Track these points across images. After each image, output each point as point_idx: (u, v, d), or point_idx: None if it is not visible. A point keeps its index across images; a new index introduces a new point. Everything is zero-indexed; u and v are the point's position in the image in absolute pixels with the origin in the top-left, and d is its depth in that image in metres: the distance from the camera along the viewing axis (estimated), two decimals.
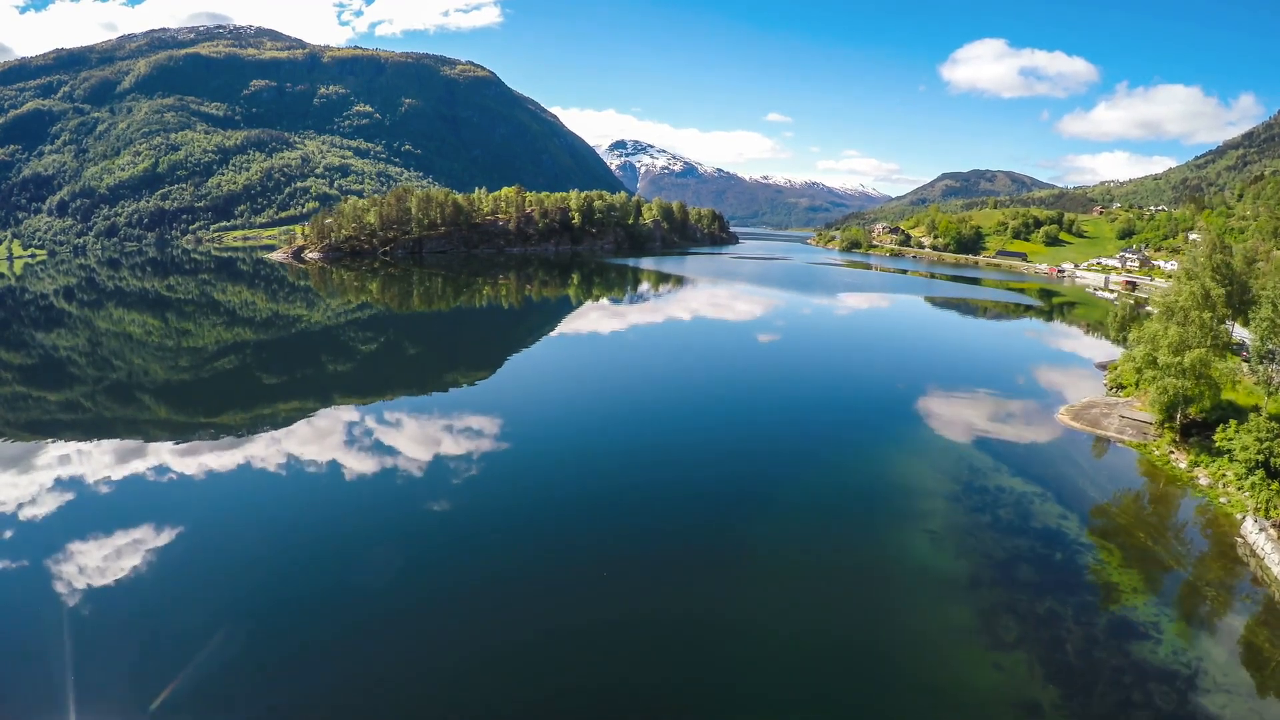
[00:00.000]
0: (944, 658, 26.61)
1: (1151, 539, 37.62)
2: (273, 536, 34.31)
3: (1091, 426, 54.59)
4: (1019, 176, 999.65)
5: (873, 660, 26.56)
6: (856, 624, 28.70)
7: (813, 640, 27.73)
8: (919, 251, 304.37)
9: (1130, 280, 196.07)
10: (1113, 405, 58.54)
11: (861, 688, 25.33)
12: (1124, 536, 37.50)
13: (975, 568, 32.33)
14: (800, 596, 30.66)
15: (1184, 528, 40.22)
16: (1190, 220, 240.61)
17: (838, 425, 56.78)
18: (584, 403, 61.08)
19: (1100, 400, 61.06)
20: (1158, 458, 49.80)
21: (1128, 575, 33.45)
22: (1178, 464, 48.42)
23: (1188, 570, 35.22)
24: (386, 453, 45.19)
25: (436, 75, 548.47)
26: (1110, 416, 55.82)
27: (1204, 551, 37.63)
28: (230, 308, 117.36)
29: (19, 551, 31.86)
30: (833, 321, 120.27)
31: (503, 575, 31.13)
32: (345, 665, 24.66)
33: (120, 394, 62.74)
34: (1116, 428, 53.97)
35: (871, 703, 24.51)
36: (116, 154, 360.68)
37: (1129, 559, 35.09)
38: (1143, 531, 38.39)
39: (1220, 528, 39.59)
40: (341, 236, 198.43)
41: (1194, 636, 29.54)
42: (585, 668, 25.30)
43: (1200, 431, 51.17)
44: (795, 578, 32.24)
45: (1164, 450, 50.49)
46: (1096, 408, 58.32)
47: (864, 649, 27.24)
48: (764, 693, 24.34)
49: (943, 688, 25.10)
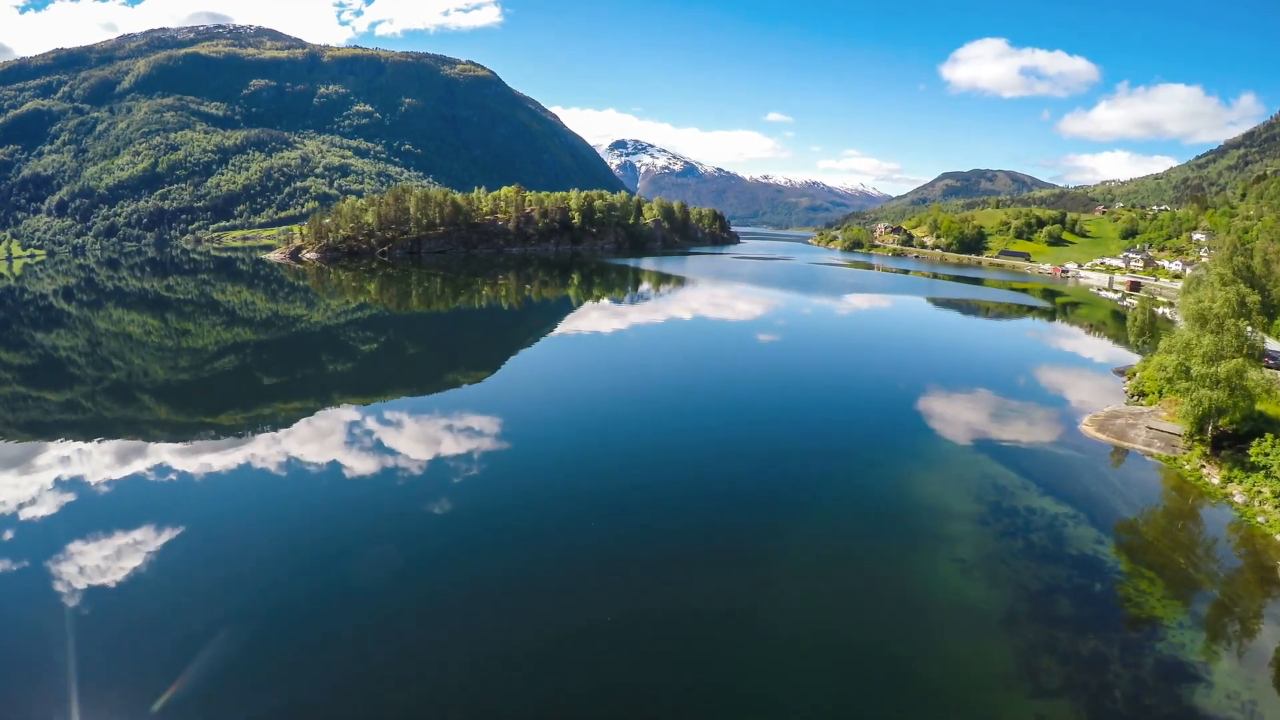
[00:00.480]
0: (984, 707, 24.30)
1: (1191, 565, 35.30)
2: (274, 537, 34.11)
3: (1118, 439, 52.21)
4: (1019, 176, 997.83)
5: (906, 709, 24.25)
6: (883, 665, 26.34)
7: (834, 681, 25.48)
8: (921, 251, 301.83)
9: (1134, 281, 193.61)
10: (1138, 415, 56.16)
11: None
12: (1162, 562, 35.16)
13: (1010, 600, 29.94)
14: (816, 628, 28.54)
15: (1222, 551, 37.87)
16: (1194, 220, 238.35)
17: (847, 432, 54.75)
18: (585, 403, 60.36)
19: (1124, 410, 58.65)
20: (1189, 472, 47.42)
21: (1171, 608, 31.10)
22: (1210, 479, 46.04)
23: (1230, 599, 32.89)
24: (387, 452, 44.90)
25: (436, 75, 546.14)
26: (1136, 428, 53.46)
27: (1245, 577, 35.24)
28: (230, 308, 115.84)
29: (20, 552, 31.67)
30: (837, 322, 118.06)
31: (504, 575, 31.01)
32: (348, 665, 24.63)
33: (120, 394, 62.23)
34: (1144, 440, 51.62)
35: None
36: (116, 154, 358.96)
37: (1170, 588, 32.77)
38: (1181, 557, 36.06)
39: (1258, 549, 37.27)
40: (339, 236, 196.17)
41: (1246, 678, 27.14)
42: (584, 669, 25.18)
43: (1232, 444, 48.78)
44: (809, 601, 30.35)
45: (1195, 465, 48.11)
46: (1121, 418, 55.94)
47: (895, 696, 24.91)
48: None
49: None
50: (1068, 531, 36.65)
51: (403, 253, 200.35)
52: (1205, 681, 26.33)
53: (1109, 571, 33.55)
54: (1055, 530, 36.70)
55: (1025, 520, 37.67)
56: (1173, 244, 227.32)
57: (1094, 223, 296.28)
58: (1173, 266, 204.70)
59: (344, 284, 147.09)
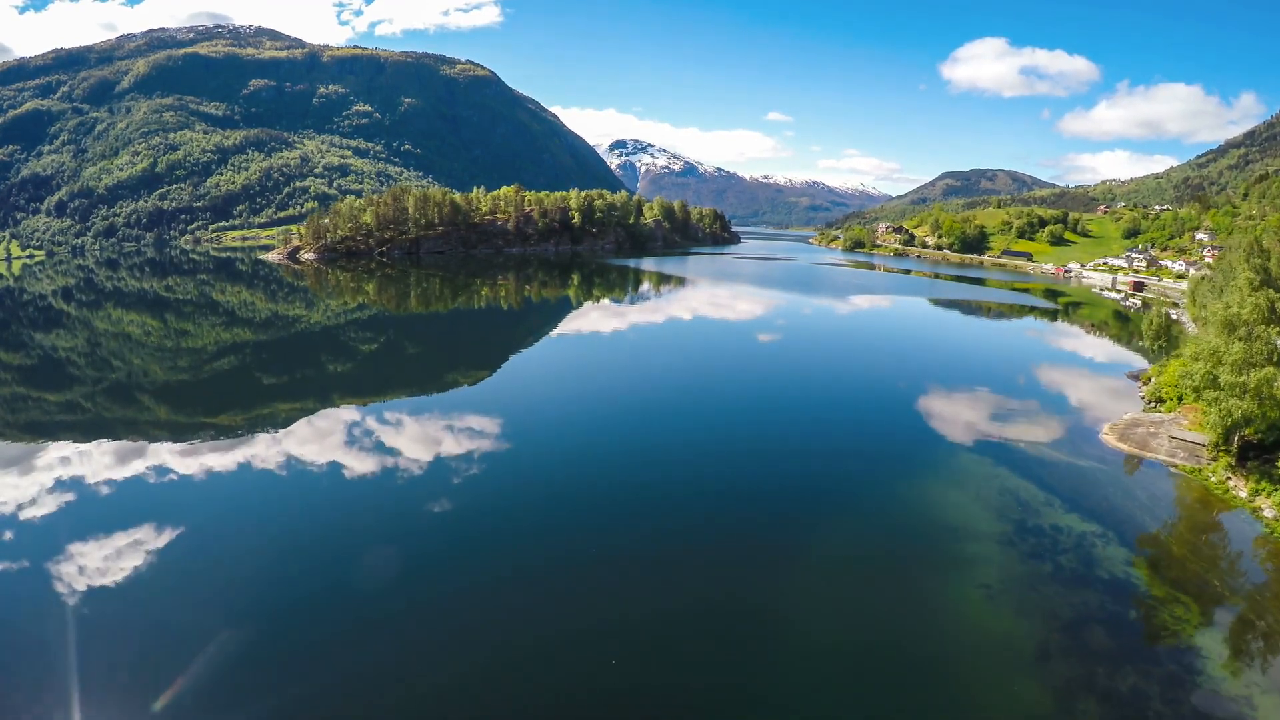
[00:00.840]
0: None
1: (1226, 587, 33.54)
2: (274, 536, 33.96)
3: (1140, 449, 50.40)
4: (1020, 175, 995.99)
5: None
6: (907, 706, 24.60)
7: (849, 700, 24.11)
8: (923, 251, 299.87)
9: (1138, 281, 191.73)
10: (1159, 424, 54.35)
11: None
12: (1197, 585, 33.34)
13: (1042, 631, 28.08)
14: (829, 639, 27.45)
15: (1254, 570, 36.12)
16: (1197, 220, 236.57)
17: (855, 434, 53.43)
18: (585, 402, 60.03)
19: (1144, 418, 56.83)
20: (1214, 484, 45.62)
21: (1209, 637, 29.27)
22: (1237, 492, 44.23)
23: (1266, 623, 31.15)
24: (388, 452, 44.65)
25: (436, 74, 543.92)
26: (1158, 436, 51.65)
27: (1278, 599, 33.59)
28: (229, 308, 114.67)
29: (20, 552, 31.57)
30: (839, 322, 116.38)
31: (505, 575, 30.74)
32: (349, 665, 24.41)
33: (120, 394, 61.93)
34: (1167, 450, 49.82)
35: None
36: (115, 154, 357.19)
37: (1206, 615, 30.92)
38: (1215, 578, 34.27)
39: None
40: (337, 237, 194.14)
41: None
42: (585, 670, 24.94)
43: (1258, 454, 46.95)
44: (819, 612, 29.41)
45: (1220, 476, 46.30)
46: (1142, 426, 54.13)
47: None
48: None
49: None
50: (1097, 552, 34.84)
51: (401, 253, 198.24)
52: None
53: (1143, 596, 31.81)
54: (1084, 551, 34.88)
55: (1052, 540, 35.82)
56: (1175, 244, 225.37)
57: (1096, 222, 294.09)
58: (1175, 266, 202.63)
59: (342, 285, 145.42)
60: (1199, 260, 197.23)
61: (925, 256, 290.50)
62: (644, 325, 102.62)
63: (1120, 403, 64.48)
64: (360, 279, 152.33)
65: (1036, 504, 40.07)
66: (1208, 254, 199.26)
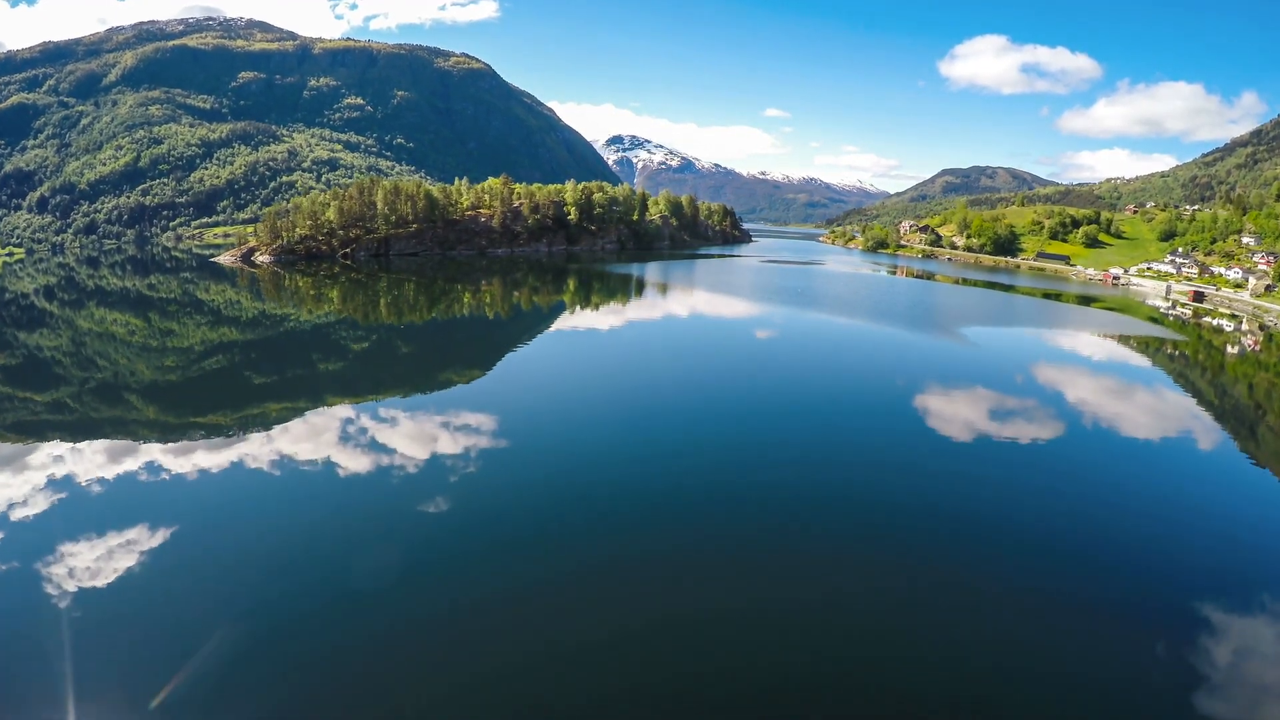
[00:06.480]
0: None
1: None
2: (268, 535, 33.08)
3: None
4: (1019, 173, 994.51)
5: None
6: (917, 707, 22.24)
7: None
8: (952, 253, 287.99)
9: (1197, 290, 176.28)
10: None
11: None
12: None
13: None
14: (845, 652, 25.73)
15: None
16: (1238, 222, 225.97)
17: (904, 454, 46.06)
18: (585, 402, 57.71)
19: None
20: None
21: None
22: None
23: None
24: (382, 451, 43.44)
25: (430, 67, 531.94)
26: None
27: None
28: (214, 306, 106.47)
29: (12, 553, 30.70)
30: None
31: (505, 574, 29.58)
32: (347, 664, 23.55)
33: (107, 394, 60.26)
34: None
35: None
36: (99, 149, 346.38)
37: None
38: None
39: None
40: (296, 236, 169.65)
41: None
42: (585, 671, 23.79)
43: None
44: (831, 619, 27.79)
45: None
46: None
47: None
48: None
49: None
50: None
51: (367, 255, 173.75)
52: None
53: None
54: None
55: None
56: (1219, 248, 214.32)
57: (1128, 223, 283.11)
58: (1231, 274, 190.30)
59: (299, 291, 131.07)
60: (1252, 267, 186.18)
61: (955, 258, 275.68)
62: (641, 321, 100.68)
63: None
64: (320, 285, 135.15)
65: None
66: (1260, 260, 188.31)
